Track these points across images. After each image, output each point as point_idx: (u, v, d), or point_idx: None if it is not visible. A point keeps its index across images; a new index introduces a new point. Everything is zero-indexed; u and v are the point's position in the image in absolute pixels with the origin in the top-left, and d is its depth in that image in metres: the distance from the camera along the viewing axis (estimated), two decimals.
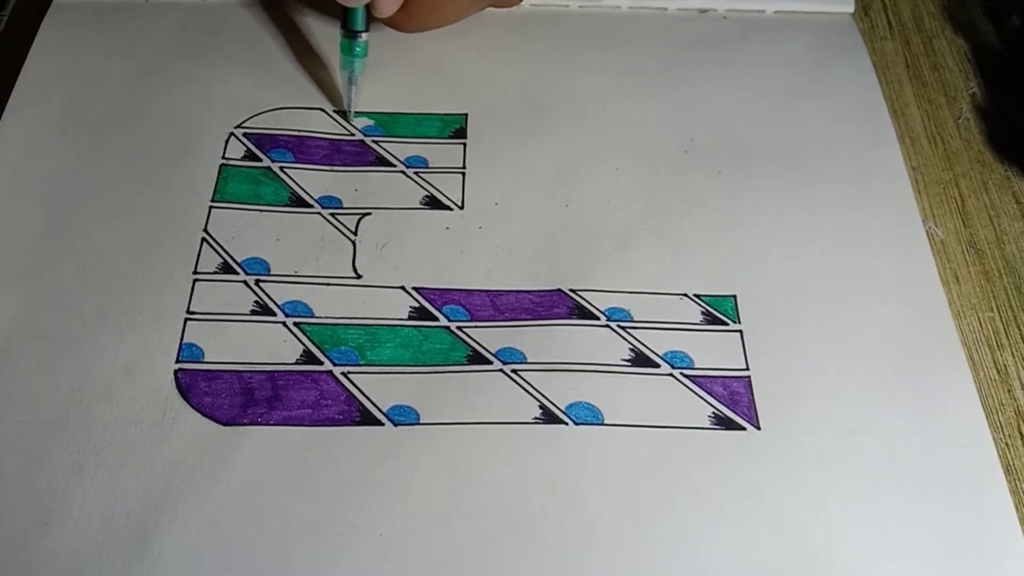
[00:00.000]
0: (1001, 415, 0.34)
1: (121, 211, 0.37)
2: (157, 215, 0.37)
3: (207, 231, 0.37)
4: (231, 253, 0.36)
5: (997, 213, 0.40)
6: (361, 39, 0.39)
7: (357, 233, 0.37)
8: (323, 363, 0.33)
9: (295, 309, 0.35)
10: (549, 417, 0.32)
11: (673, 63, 0.43)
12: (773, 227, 0.38)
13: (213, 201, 0.37)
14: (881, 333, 0.35)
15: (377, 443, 0.31)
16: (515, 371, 0.33)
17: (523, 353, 0.34)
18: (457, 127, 0.41)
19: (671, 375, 0.34)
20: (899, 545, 0.30)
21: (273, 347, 0.34)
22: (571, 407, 0.32)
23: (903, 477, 0.31)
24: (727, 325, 0.35)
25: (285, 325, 0.34)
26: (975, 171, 0.41)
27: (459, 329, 0.34)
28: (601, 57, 0.43)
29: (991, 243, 0.38)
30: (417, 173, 0.39)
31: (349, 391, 0.33)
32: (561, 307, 0.35)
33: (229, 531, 0.29)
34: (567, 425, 0.32)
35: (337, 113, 0.41)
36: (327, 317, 0.35)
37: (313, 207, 0.38)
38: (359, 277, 0.36)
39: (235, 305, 0.35)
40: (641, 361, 0.34)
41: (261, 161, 0.39)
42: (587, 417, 0.32)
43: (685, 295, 0.36)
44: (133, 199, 0.37)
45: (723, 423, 0.32)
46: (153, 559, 0.29)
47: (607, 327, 0.35)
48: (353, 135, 0.40)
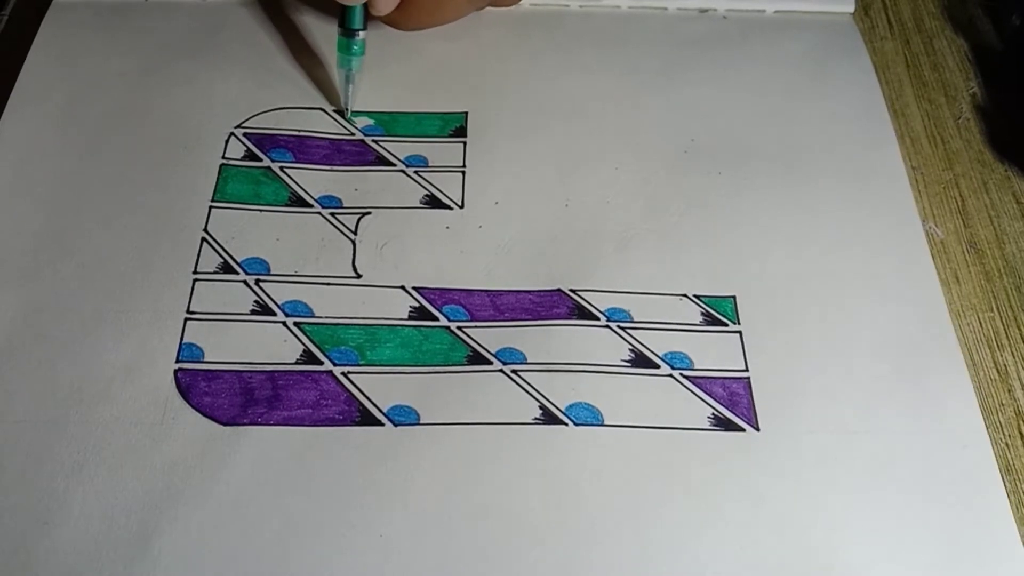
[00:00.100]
0: (1001, 415, 0.34)
1: (121, 211, 0.37)
2: (157, 215, 0.37)
3: (207, 231, 0.37)
4: (231, 253, 0.36)
5: (997, 213, 0.40)
6: (358, 37, 0.39)
7: (357, 233, 0.37)
8: (323, 363, 0.33)
9: (295, 309, 0.35)
10: (549, 418, 0.32)
11: (673, 63, 0.43)
12: (773, 227, 0.38)
13: (213, 201, 0.38)
14: (881, 333, 0.35)
15: (377, 443, 0.31)
16: (515, 371, 0.33)
17: (523, 353, 0.34)
18: (457, 126, 0.41)
19: (671, 376, 0.34)
20: (898, 545, 0.30)
21: (273, 347, 0.34)
22: (571, 408, 0.32)
23: (903, 477, 0.31)
24: (727, 326, 0.35)
25: (285, 325, 0.34)
26: (975, 171, 0.41)
27: (459, 329, 0.34)
28: (601, 57, 0.43)
29: (991, 243, 0.38)
30: (417, 172, 0.39)
31: (349, 391, 0.33)
32: (561, 307, 0.35)
33: (229, 531, 0.29)
34: (567, 426, 0.32)
35: (337, 113, 0.41)
36: (327, 317, 0.35)
37: (313, 207, 0.38)
38: (359, 277, 0.36)
39: (235, 305, 0.35)
40: (641, 362, 0.34)
41: (261, 161, 0.39)
42: (587, 418, 0.32)
43: (685, 295, 0.36)
44: (133, 199, 0.37)
45: (722, 424, 0.32)
46: (153, 559, 0.29)
47: (607, 327, 0.35)
48: (353, 134, 0.40)
